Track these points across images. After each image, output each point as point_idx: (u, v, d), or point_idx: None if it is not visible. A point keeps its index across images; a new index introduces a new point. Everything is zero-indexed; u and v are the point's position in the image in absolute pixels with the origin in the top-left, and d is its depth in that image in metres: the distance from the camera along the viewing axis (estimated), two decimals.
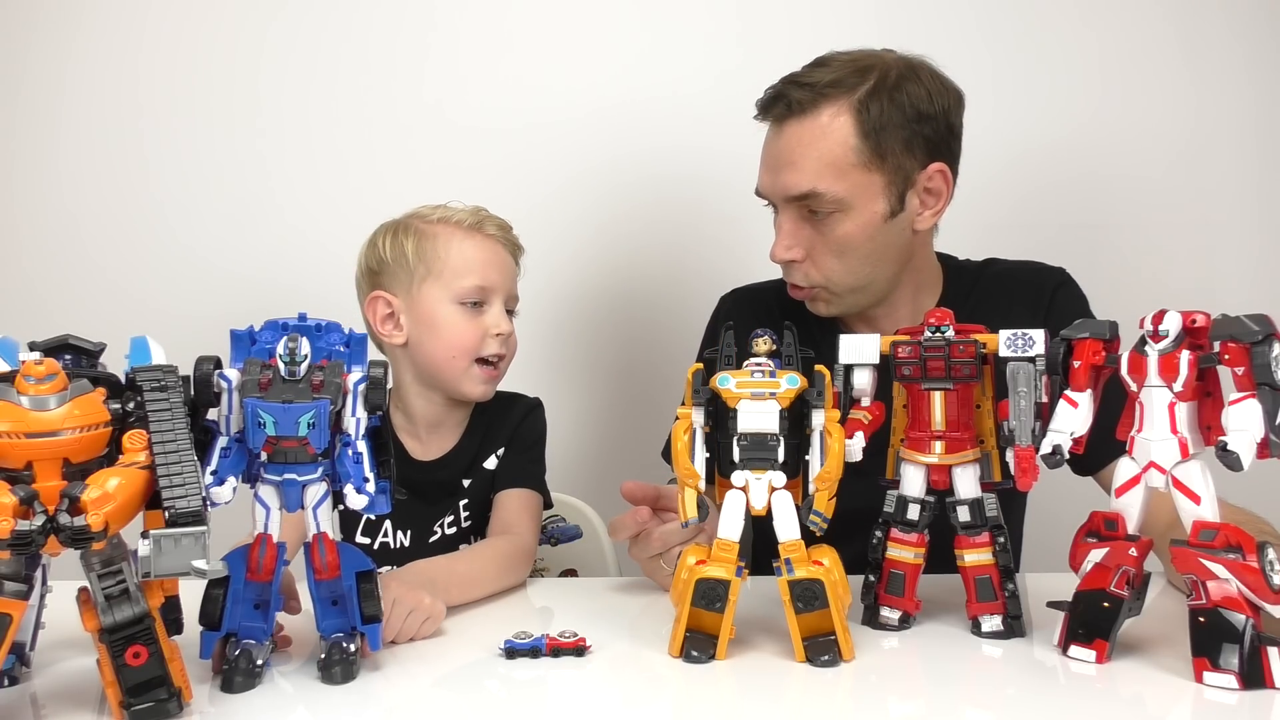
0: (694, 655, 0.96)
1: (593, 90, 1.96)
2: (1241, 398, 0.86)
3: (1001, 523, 1.03)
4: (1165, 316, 0.91)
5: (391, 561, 1.40)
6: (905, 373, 1.04)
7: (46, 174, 1.97)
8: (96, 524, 0.76)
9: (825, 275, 1.32)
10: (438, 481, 1.42)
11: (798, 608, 0.95)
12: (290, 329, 0.94)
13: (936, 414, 1.04)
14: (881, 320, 1.39)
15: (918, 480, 1.05)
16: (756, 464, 0.96)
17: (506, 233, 1.43)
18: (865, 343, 1.06)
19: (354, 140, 1.96)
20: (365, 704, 0.89)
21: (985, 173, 1.95)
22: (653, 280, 1.96)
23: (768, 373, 0.99)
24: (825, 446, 0.96)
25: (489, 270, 1.38)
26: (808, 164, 1.28)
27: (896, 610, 1.06)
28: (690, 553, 0.99)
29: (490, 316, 1.38)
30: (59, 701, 0.90)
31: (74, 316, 1.26)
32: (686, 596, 0.96)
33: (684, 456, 0.98)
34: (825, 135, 1.27)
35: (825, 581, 0.94)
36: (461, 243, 1.39)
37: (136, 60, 1.96)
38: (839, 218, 1.29)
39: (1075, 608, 0.97)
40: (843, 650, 0.95)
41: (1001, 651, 1.00)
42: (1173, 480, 0.91)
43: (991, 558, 1.02)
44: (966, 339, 1.02)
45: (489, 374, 1.39)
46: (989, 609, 1.02)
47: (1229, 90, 1.95)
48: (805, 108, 1.28)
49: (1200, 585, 0.89)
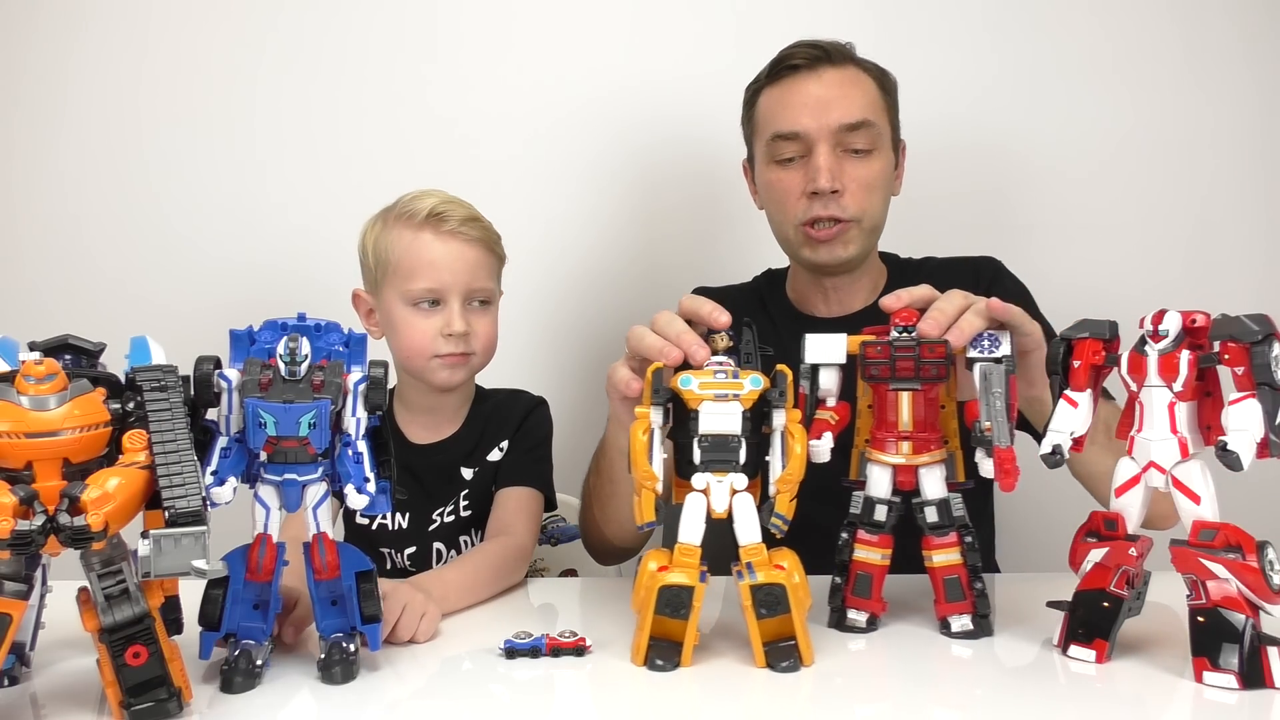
0: (658, 664, 0.94)
1: (595, 84, 1.96)
2: (1241, 398, 0.86)
3: (968, 522, 1.02)
4: (1165, 316, 0.91)
5: (389, 543, 1.43)
6: (873, 373, 1.03)
7: (47, 174, 1.97)
8: (96, 524, 0.76)
9: (860, 208, 1.43)
10: (435, 465, 1.43)
11: (760, 613, 0.93)
12: (289, 329, 0.94)
13: (904, 414, 1.02)
14: (843, 291, 1.51)
15: (884, 481, 1.03)
16: (718, 466, 0.94)
17: (469, 225, 1.38)
18: (831, 342, 1.04)
19: (354, 139, 1.96)
20: (365, 704, 0.89)
21: (986, 173, 1.96)
22: (654, 279, 1.96)
23: (730, 373, 0.97)
24: (787, 447, 0.95)
25: (438, 271, 1.36)
26: (857, 98, 1.43)
27: (863, 612, 1.04)
28: (651, 558, 0.96)
29: (443, 316, 1.36)
30: (59, 701, 0.90)
31: (74, 316, 1.26)
32: (649, 604, 0.94)
33: (641, 457, 0.95)
34: (860, 81, 1.45)
35: (786, 585, 0.92)
36: (411, 242, 1.37)
37: (137, 60, 1.96)
38: (874, 155, 1.43)
39: (1075, 608, 0.97)
40: (803, 655, 0.94)
41: (972, 652, 0.99)
42: (1173, 480, 0.91)
43: (960, 557, 1.02)
44: (938, 340, 1.00)
45: (449, 361, 1.37)
46: (958, 609, 1.02)
47: (1229, 90, 1.95)
48: (839, 61, 1.45)
49: (1200, 585, 0.89)
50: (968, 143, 1.94)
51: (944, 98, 1.92)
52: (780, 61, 1.47)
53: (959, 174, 1.94)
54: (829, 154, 1.41)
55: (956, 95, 1.94)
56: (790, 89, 1.45)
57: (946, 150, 1.92)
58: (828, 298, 1.53)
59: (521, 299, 1.48)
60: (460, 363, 1.38)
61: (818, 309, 1.54)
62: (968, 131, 1.94)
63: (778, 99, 1.46)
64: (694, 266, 1.90)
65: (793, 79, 1.45)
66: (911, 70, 1.72)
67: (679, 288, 1.65)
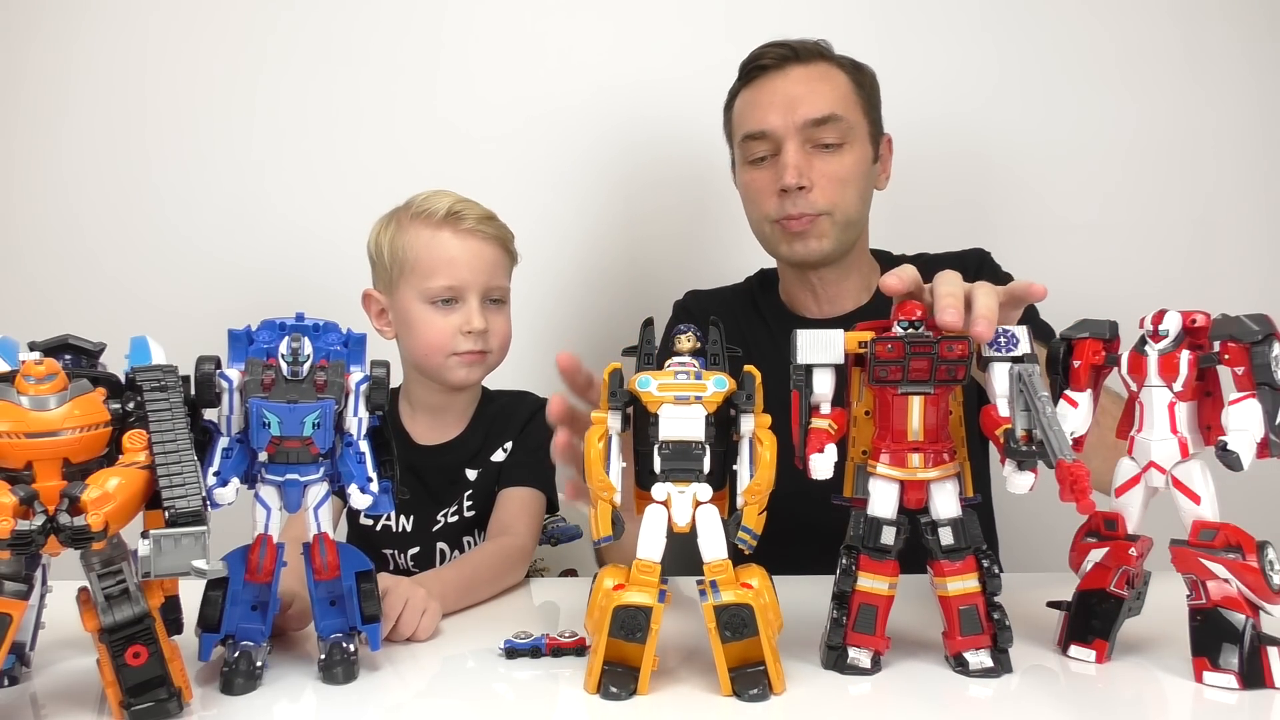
0: (612, 692, 0.86)
1: (595, 85, 1.97)
2: (1241, 398, 0.86)
3: (984, 544, 0.91)
4: (1165, 316, 0.91)
5: (394, 545, 1.44)
6: (882, 374, 0.90)
7: (47, 174, 1.97)
8: (96, 524, 0.76)
9: (830, 202, 1.42)
10: (439, 467, 1.43)
11: (725, 636, 0.85)
12: (288, 329, 0.94)
13: (914, 421, 0.90)
14: (832, 288, 1.50)
15: (890, 499, 0.91)
16: (679, 475, 0.86)
17: (486, 223, 1.40)
18: (827, 339, 0.91)
19: (355, 138, 1.97)
20: (365, 704, 0.89)
21: (985, 172, 1.96)
22: (654, 276, 1.96)
23: (693, 374, 0.88)
24: (755, 455, 0.87)
25: (458, 268, 1.37)
26: (824, 92, 1.43)
27: (867, 650, 0.92)
28: (607, 575, 0.88)
29: (462, 314, 1.37)
30: (59, 701, 0.90)
31: (74, 316, 1.26)
32: (604, 626, 0.86)
33: (598, 467, 0.87)
34: (830, 76, 1.45)
35: (754, 606, 0.84)
36: (430, 240, 1.38)
37: (139, 59, 1.96)
38: (844, 150, 1.43)
39: (1075, 608, 0.97)
40: (773, 682, 0.86)
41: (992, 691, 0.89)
42: (1172, 480, 0.91)
43: (978, 584, 0.90)
44: (959, 336, 0.89)
45: (468, 359, 1.38)
46: (974, 643, 0.91)
47: (1229, 90, 1.95)
48: (806, 58, 1.45)
49: (1200, 585, 0.89)
50: (967, 143, 1.95)
51: (943, 98, 1.92)
52: (750, 63, 1.48)
53: (959, 175, 1.94)
54: (796, 150, 1.41)
55: (956, 96, 1.94)
56: (759, 89, 1.46)
57: (946, 151, 1.92)
58: (817, 296, 1.52)
59: (518, 299, 1.48)
60: (478, 360, 1.39)
61: (809, 309, 1.54)
62: (968, 132, 1.94)
63: (749, 100, 1.48)
64: (685, 266, 1.90)
65: (762, 79, 1.46)
66: (910, 71, 1.73)
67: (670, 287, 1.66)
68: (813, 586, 0.98)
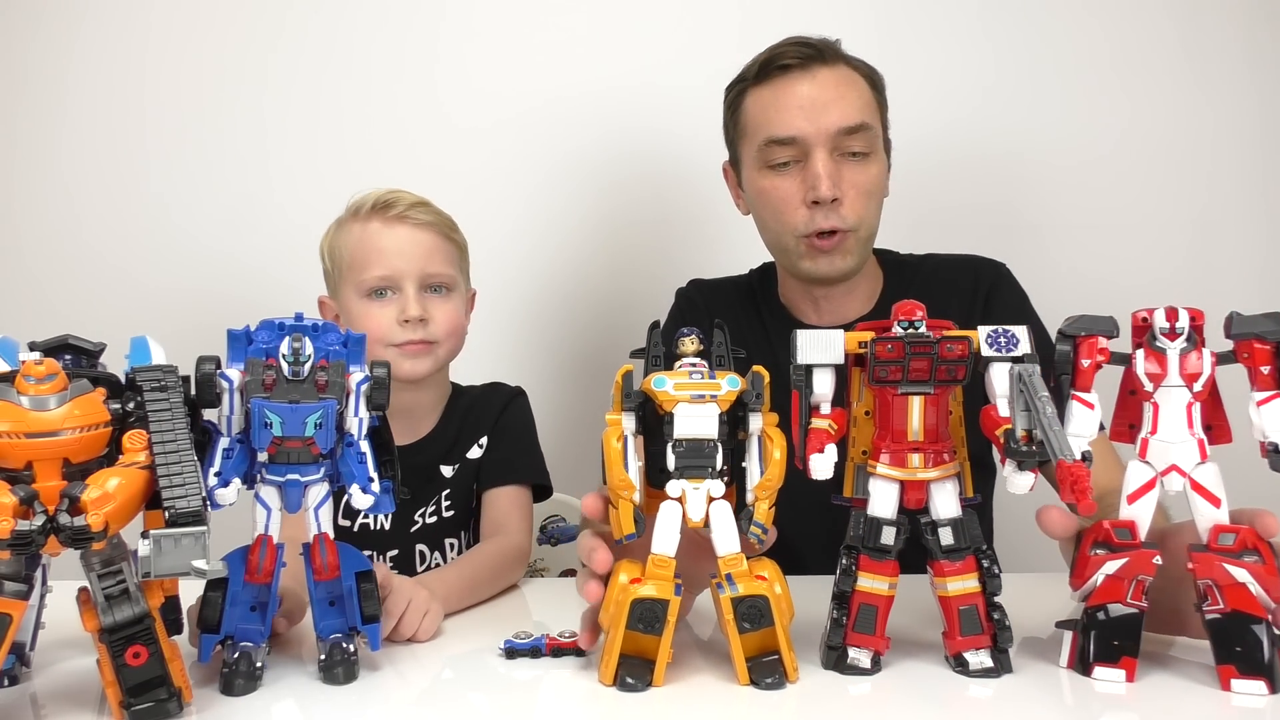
0: (629, 683, 0.88)
1: (581, 83, 1.97)
2: (1269, 397, 0.85)
3: (984, 544, 0.92)
4: (1179, 314, 0.89)
5: (371, 545, 1.40)
6: (882, 374, 0.91)
7: (47, 174, 1.97)
8: (96, 524, 0.76)
9: (858, 216, 1.35)
10: (413, 466, 1.40)
11: (743, 627, 0.88)
12: (288, 329, 0.94)
13: (914, 421, 0.91)
14: (835, 301, 1.44)
15: (890, 498, 0.92)
16: (694, 472, 0.88)
17: (417, 210, 1.38)
18: (826, 340, 0.92)
19: (355, 138, 1.97)
20: (365, 704, 0.89)
21: (986, 174, 1.96)
22: (647, 273, 1.95)
23: (706, 373, 0.91)
24: (765, 452, 0.89)
25: (389, 257, 1.35)
26: (853, 99, 1.35)
27: (867, 650, 0.93)
28: (623, 570, 0.90)
29: (397, 304, 1.35)
30: (59, 701, 0.90)
31: (75, 315, 1.26)
32: (620, 619, 0.88)
33: (617, 466, 0.88)
34: (855, 82, 1.38)
35: (769, 597, 0.87)
36: (361, 234, 1.37)
37: (139, 59, 1.96)
38: (870, 159, 1.36)
39: (1091, 625, 0.91)
40: (788, 670, 0.89)
41: (993, 691, 0.89)
42: (1191, 483, 0.88)
43: (978, 584, 0.91)
44: (959, 336, 0.90)
45: (410, 350, 1.35)
46: (974, 643, 0.91)
47: (1229, 90, 1.95)
48: (830, 60, 1.37)
49: (1214, 590, 0.87)
50: (969, 145, 1.95)
51: (945, 101, 1.93)
52: (770, 61, 1.38)
53: (959, 176, 1.94)
54: (828, 159, 1.33)
55: (957, 98, 1.94)
56: (782, 90, 1.36)
57: (947, 152, 1.92)
58: (818, 307, 1.45)
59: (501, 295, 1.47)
60: (422, 351, 1.36)
61: (808, 318, 1.47)
62: (969, 134, 1.94)
63: (769, 101, 1.37)
64: (674, 263, 1.90)
65: (784, 79, 1.36)
66: (913, 73, 1.72)
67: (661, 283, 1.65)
68: (813, 586, 0.98)
